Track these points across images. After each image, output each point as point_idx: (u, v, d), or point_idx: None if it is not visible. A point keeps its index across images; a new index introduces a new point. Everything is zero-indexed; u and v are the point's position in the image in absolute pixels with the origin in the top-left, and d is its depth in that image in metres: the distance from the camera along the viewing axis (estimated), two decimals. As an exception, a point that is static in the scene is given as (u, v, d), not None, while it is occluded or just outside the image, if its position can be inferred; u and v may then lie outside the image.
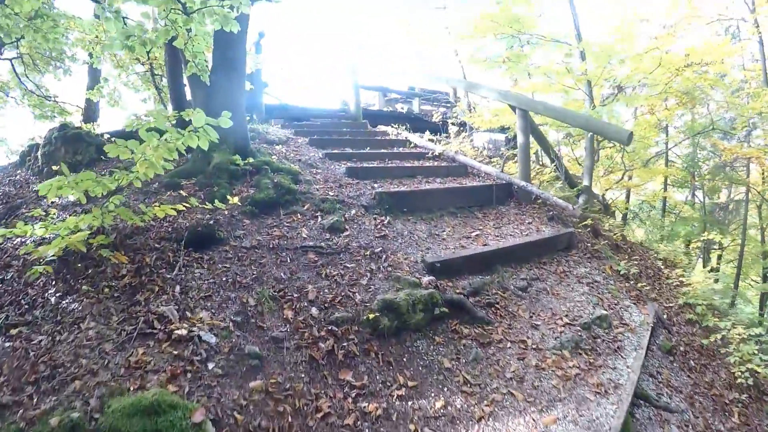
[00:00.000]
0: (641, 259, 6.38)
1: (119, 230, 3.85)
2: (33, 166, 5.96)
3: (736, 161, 14.70)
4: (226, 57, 5.59)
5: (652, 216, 16.76)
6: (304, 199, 4.83)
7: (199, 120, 3.18)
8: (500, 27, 7.67)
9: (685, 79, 7.82)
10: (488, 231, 5.27)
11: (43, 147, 5.85)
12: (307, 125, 8.92)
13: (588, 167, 7.64)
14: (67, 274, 3.38)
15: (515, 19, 7.38)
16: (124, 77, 8.64)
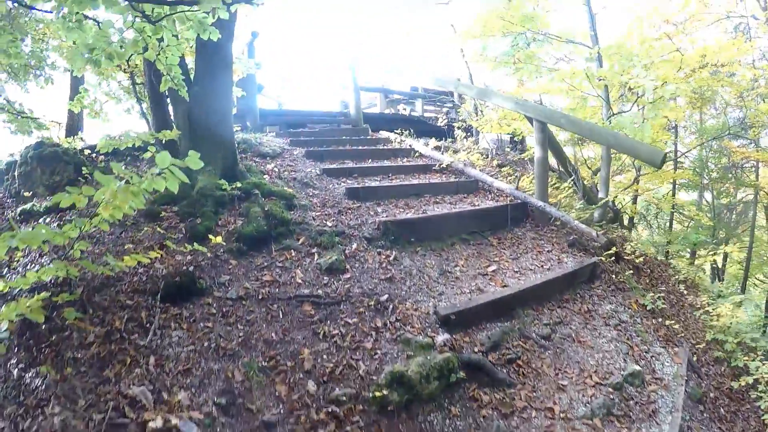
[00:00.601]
0: (662, 282, 5.97)
1: (87, 282, 3.32)
2: (10, 186, 5.41)
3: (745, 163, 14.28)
4: (210, 65, 5.02)
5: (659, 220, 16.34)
6: (299, 230, 4.28)
7: (163, 161, 2.64)
8: (511, 25, 7.11)
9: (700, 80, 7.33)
10: (505, 264, 4.74)
11: (19, 166, 5.31)
12: (304, 133, 8.34)
13: (604, 177, 7.12)
14: (29, 339, 2.85)
15: (529, 18, 6.82)
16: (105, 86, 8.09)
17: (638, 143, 5.14)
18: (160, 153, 2.63)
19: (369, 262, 4.05)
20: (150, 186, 2.79)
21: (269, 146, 6.80)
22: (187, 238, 4.02)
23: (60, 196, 2.76)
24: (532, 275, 4.58)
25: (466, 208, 5.49)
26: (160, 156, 2.65)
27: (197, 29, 3.54)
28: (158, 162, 2.69)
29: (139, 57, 4.03)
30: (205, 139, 4.96)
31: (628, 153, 5.58)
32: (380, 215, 4.85)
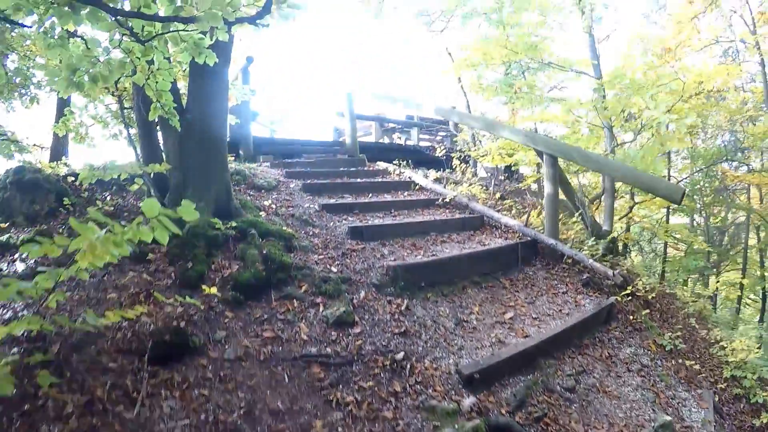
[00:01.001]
0: (672, 316, 5.77)
1: (64, 338, 2.92)
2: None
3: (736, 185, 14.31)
4: (204, 92, 4.68)
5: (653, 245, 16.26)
6: (300, 276, 3.91)
7: (151, 210, 2.28)
8: (515, 54, 6.92)
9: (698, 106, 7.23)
10: (522, 309, 4.42)
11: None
12: (299, 163, 8.01)
13: (608, 208, 6.91)
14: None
15: (532, 47, 6.62)
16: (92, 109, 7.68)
17: (657, 180, 4.92)
18: (147, 201, 2.28)
19: (379, 313, 3.69)
20: (135, 236, 2.42)
21: (264, 178, 6.46)
22: (176, 285, 3.64)
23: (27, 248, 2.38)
24: (552, 322, 4.28)
25: (476, 248, 5.18)
26: (148, 204, 2.30)
27: (192, 52, 3.18)
28: (145, 211, 2.33)
29: (128, 79, 3.65)
30: (197, 172, 4.61)
31: (647, 189, 5.36)
32: (387, 258, 4.51)
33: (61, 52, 3.07)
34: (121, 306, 3.30)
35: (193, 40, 3.13)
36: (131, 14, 2.63)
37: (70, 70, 3.03)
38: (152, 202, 2.32)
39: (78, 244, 2.38)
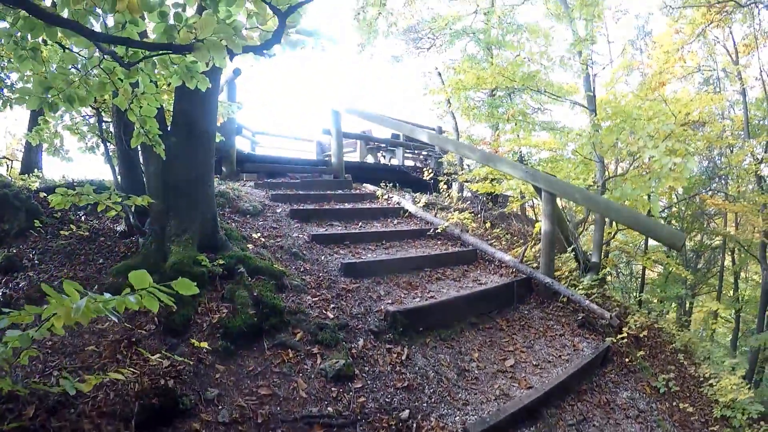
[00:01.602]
0: (660, 351, 5.70)
1: (40, 400, 2.65)
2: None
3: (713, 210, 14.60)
4: (191, 114, 4.34)
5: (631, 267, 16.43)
6: (294, 322, 3.68)
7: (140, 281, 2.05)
8: (510, 82, 6.84)
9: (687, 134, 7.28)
10: (521, 354, 4.28)
11: (-35, 211, 4.55)
12: (285, 184, 7.75)
13: (597, 241, 6.83)
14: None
15: (530, 77, 6.56)
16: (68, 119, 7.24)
17: (659, 225, 4.86)
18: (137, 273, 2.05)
19: (380, 364, 3.50)
20: (121, 306, 2.18)
21: (249, 201, 6.21)
22: (161, 332, 3.36)
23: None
24: (553, 369, 4.14)
25: (472, 288, 5.02)
26: (137, 276, 2.07)
27: (183, 76, 2.86)
28: (134, 282, 2.10)
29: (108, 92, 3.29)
30: (181, 200, 4.28)
31: (647, 233, 5.31)
32: (384, 300, 4.32)
33: (33, 66, 2.79)
34: (100, 357, 3.03)
35: (184, 64, 2.86)
36: (115, 40, 2.35)
37: (43, 88, 2.73)
38: (142, 275, 2.10)
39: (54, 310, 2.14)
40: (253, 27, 2.72)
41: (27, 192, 4.95)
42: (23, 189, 5.01)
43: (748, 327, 15.63)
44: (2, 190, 4.70)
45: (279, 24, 2.22)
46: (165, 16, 2.48)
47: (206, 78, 3.08)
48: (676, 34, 14.54)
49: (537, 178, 5.51)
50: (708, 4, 11.95)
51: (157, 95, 3.35)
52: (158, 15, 2.49)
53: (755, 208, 12.15)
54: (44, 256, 4.12)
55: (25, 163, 8.26)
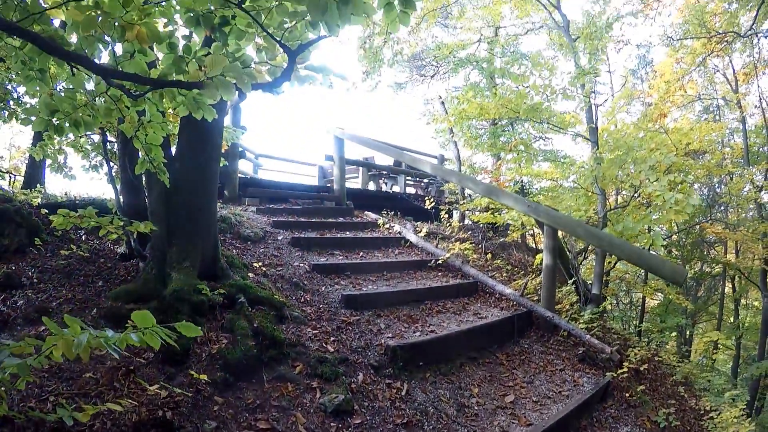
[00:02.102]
0: (662, 385, 5.66)
1: (36, 426, 2.61)
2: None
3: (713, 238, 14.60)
4: (197, 141, 4.36)
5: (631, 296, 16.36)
6: (294, 355, 3.67)
7: (144, 321, 2.05)
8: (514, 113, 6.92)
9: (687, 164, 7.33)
10: (521, 390, 4.24)
11: (-36, 226, 4.48)
12: (286, 211, 7.76)
13: (598, 274, 6.82)
14: None
15: (534, 109, 6.63)
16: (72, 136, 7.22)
17: (662, 261, 4.86)
18: (140, 313, 2.04)
19: (379, 399, 3.47)
20: (123, 343, 2.17)
21: (251, 227, 6.21)
22: (159, 360, 3.33)
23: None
24: (553, 406, 4.10)
25: (474, 322, 4.99)
26: (140, 316, 2.07)
27: (190, 107, 2.87)
28: (137, 322, 2.10)
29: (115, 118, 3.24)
30: (183, 227, 4.25)
31: (650, 270, 5.31)
32: (384, 334, 4.30)
33: (40, 87, 2.80)
34: (97, 384, 3.00)
35: (191, 95, 2.88)
36: (125, 76, 2.34)
37: (49, 111, 2.73)
38: (146, 315, 2.09)
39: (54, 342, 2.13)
40: (262, 61, 2.75)
41: (28, 208, 4.91)
42: (25, 204, 4.95)
43: (749, 353, 15.58)
44: (3, 204, 4.63)
45: (289, 63, 2.24)
46: (174, 47, 2.52)
47: (213, 109, 3.08)
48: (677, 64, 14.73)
49: (539, 213, 5.53)
50: (708, 35, 12.13)
51: (164, 124, 3.36)
52: (167, 46, 2.53)
53: (755, 236, 12.16)
54: (43, 274, 4.07)
55: (28, 178, 8.23)
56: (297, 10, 2.10)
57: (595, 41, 6.40)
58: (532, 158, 7.88)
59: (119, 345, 2.17)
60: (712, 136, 12.88)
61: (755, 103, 15.53)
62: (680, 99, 15.89)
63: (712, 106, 17.65)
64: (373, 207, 9.17)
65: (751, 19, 10.67)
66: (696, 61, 13.88)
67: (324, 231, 7.12)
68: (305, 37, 2.37)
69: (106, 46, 2.53)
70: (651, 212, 5.90)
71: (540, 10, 11.26)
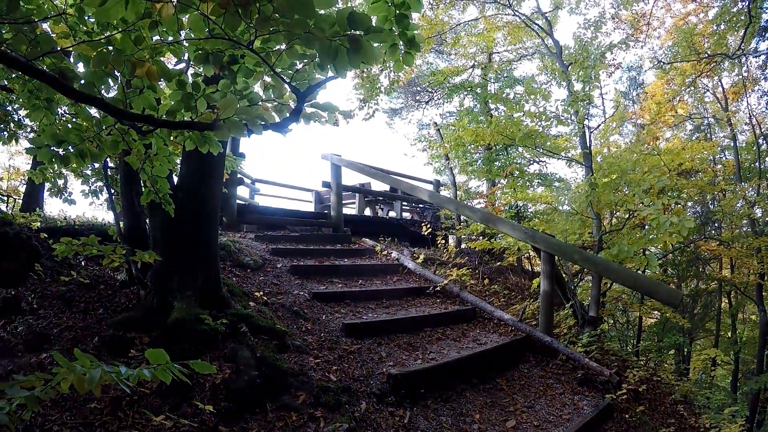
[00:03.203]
0: (661, 404, 5.65)
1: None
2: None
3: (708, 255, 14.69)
4: (198, 171, 4.41)
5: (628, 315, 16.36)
6: (297, 384, 3.68)
7: (158, 359, 2.07)
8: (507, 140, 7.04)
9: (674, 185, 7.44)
10: (522, 416, 4.25)
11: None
12: (285, 238, 7.81)
13: (595, 297, 6.87)
14: None
15: (529, 136, 6.76)
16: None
17: (657, 284, 4.92)
18: (153, 351, 2.07)
19: (383, 428, 3.48)
20: (135, 379, 2.19)
21: (250, 255, 6.25)
22: (164, 391, 3.34)
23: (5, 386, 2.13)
24: (554, 430, 4.10)
25: (473, 349, 5.01)
26: (154, 354, 2.10)
27: (197, 142, 2.90)
28: (150, 359, 2.13)
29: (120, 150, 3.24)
30: (185, 256, 4.28)
31: (647, 293, 5.37)
32: (386, 362, 4.32)
33: (46, 116, 2.83)
34: (102, 414, 3.00)
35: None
36: (138, 118, 2.38)
37: (55, 141, 2.75)
38: (160, 353, 2.12)
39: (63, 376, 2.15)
40: (269, 99, 2.82)
41: (28, 231, 4.84)
42: (24, 228, 4.89)
43: (747, 367, 15.57)
44: (3, 228, 4.54)
45: (297, 103, 2.29)
46: (184, 84, 2.58)
47: (219, 144, 3.13)
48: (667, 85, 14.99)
49: (536, 239, 5.60)
50: (698, 58, 12.37)
51: (170, 157, 3.42)
52: (176, 83, 2.59)
53: (750, 251, 12.24)
54: (43, 300, 4.05)
55: (27, 200, 8.18)
56: (306, 52, 2.17)
57: (588, 69, 6.54)
58: (527, 183, 7.96)
59: (131, 381, 2.20)
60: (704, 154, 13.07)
61: (745, 120, 15.82)
62: (671, 119, 16.15)
63: (703, 125, 17.91)
64: (370, 233, 9.23)
65: (739, 39, 10.89)
66: (686, 82, 14.13)
67: (323, 258, 7.17)
68: (313, 77, 2.43)
69: (115, 81, 2.57)
70: (646, 235, 5.98)
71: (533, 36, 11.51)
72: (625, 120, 16.72)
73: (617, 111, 12.54)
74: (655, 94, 16.20)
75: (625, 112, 16.54)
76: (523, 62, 13.90)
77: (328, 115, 2.72)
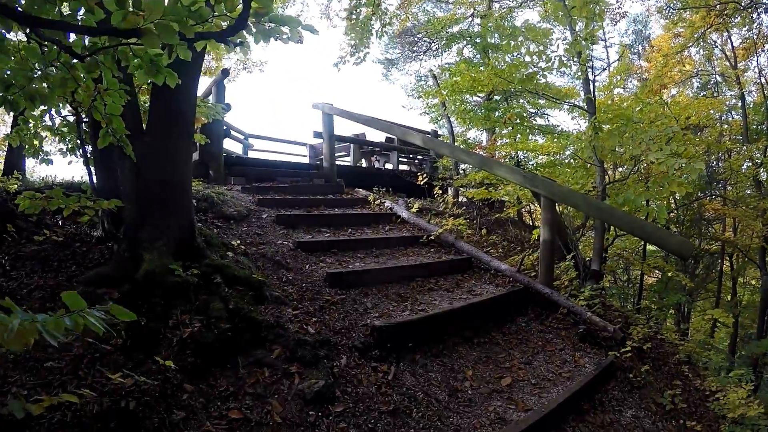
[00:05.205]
0: (665, 364, 5.37)
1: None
2: None
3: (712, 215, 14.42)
4: (167, 112, 4.06)
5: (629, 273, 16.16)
6: (272, 337, 3.39)
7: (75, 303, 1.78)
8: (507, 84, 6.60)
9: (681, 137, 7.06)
10: (519, 372, 3.98)
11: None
12: (273, 188, 7.46)
13: (597, 248, 6.57)
14: None
15: (528, 79, 6.31)
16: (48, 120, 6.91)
17: (667, 233, 4.59)
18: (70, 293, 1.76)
19: (364, 384, 3.20)
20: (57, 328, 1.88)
21: (234, 206, 5.91)
22: (128, 347, 3.05)
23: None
24: (553, 389, 3.83)
25: (467, 300, 4.72)
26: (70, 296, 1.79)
27: (148, 72, 2.59)
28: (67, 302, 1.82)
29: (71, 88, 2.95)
30: (156, 205, 3.97)
31: (654, 243, 5.01)
32: (371, 313, 4.03)
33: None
34: (61, 374, 2.73)
35: (148, 57, 2.58)
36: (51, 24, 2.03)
37: (3, 86, 2.44)
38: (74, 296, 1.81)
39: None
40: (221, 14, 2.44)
41: (5, 194, 4.69)
42: (1, 191, 4.78)
43: (746, 332, 15.49)
44: None
45: (243, 7, 1.95)
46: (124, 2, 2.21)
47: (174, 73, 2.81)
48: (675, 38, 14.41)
49: (536, 184, 5.22)
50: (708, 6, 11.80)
51: (121, 92, 3.06)
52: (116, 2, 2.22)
53: (755, 213, 11.99)
54: (16, 262, 3.81)
55: (7, 165, 8.00)
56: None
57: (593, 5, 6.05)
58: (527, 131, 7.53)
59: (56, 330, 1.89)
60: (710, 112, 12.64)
61: (754, 79, 15.27)
62: (678, 75, 15.62)
63: (710, 83, 17.33)
64: (365, 184, 8.89)
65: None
66: (695, 35, 13.57)
67: (311, 208, 6.82)
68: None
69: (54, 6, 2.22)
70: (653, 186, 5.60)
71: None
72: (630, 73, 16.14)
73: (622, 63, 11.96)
74: (662, 48, 15.63)
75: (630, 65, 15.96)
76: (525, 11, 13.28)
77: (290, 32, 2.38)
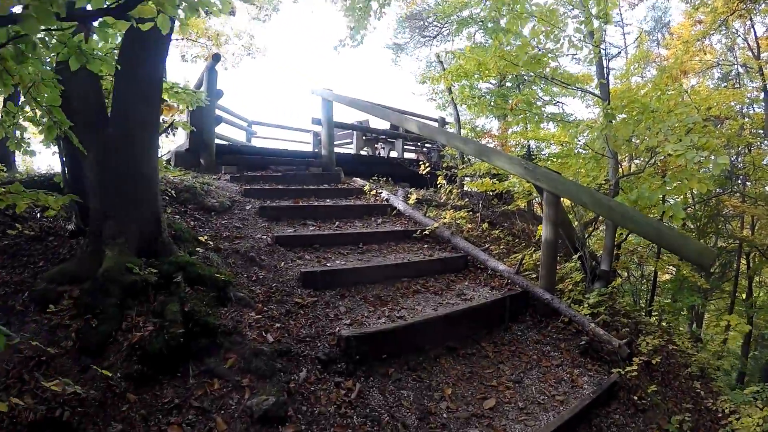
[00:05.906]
0: (675, 379, 4.90)
1: None
2: None
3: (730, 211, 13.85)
4: (128, 105, 3.78)
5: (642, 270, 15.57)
6: (228, 344, 3.06)
7: None
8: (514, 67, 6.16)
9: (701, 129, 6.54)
10: (506, 392, 3.54)
11: None
12: (263, 178, 7.12)
13: (608, 247, 6.10)
14: None
15: (535, 60, 5.86)
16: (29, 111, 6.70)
17: (685, 239, 4.08)
18: None
19: (322, 403, 2.85)
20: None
21: (217, 196, 5.59)
22: (77, 350, 2.85)
23: None
24: (543, 415, 3.37)
25: (455, 305, 4.32)
26: None
27: (78, 59, 2.34)
28: None
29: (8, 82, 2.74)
30: (118, 198, 3.71)
31: (671, 249, 4.53)
32: (342, 319, 3.66)
33: None
34: (7, 378, 2.57)
35: (73, 44, 2.29)
36: None
37: None
38: None
39: None
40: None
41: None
42: None
43: (760, 332, 14.93)
44: None
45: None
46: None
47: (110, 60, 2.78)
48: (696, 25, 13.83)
49: (537, 176, 4.76)
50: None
51: (54, 82, 2.79)
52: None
53: (776, 211, 11.46)
54: None
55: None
56: None
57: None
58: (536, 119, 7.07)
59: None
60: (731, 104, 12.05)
61: (779, 71, 14.48)
62: (698, 65, 15.00)
63: (731, 74, 16.57)
64: (366, 173, 8.53)
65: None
66: (717, 22, 12.93)
67: (300, 199, 6.46)
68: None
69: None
70: (670, 181, 5.11)
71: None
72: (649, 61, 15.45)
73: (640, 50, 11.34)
74: (682, 35, 14.98)
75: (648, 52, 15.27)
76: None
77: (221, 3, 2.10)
